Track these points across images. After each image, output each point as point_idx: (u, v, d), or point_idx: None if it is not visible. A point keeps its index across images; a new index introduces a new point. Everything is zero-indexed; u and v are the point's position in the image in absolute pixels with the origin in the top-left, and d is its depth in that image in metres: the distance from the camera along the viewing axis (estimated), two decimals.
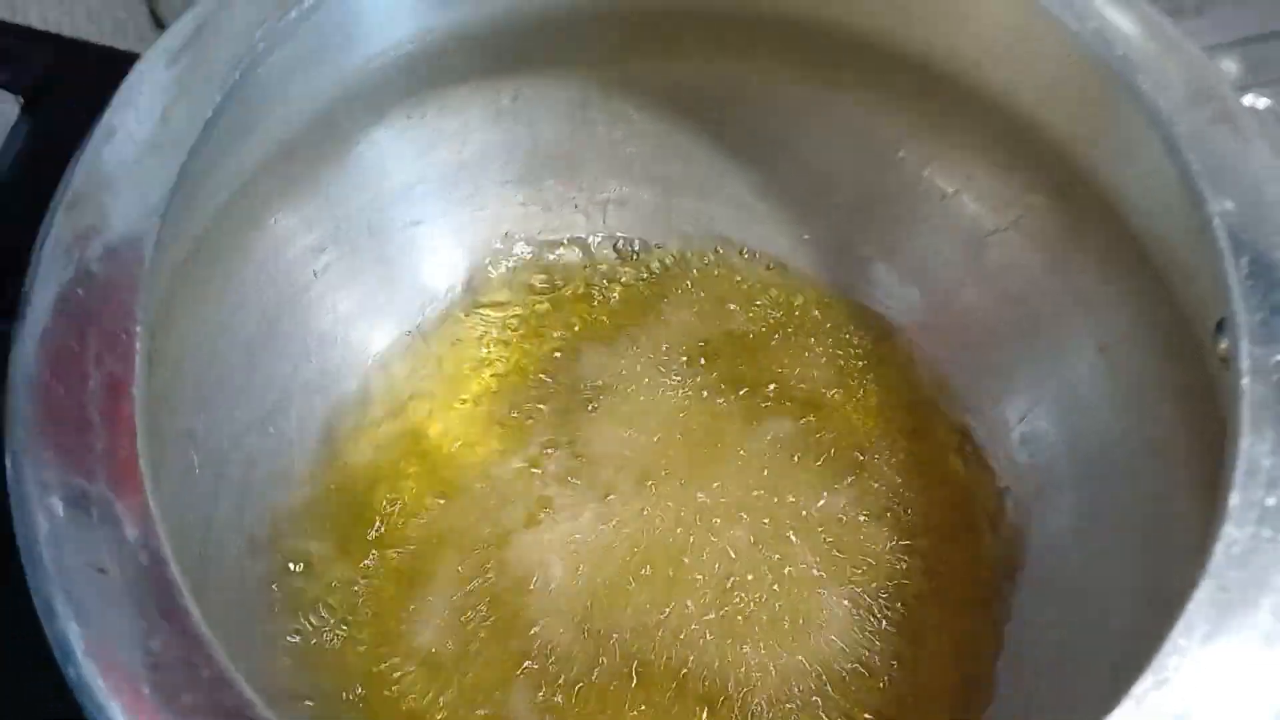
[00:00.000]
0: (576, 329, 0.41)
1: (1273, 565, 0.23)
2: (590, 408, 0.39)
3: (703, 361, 0.40)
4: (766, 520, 0.37)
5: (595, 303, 0.41)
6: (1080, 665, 0.33)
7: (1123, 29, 0.29)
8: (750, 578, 0.36)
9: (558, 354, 0.40)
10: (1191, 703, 0.22)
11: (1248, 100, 0.55)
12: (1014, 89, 0.34)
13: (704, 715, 0.34)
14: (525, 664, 0.35)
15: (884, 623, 0.36)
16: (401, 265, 0.40)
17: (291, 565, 0.35)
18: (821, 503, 0.38)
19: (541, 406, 0.39)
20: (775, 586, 0.36)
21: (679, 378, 0.40)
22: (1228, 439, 0.24)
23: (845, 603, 0.36)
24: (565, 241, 0.42)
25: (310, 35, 0.30)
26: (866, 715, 0.34)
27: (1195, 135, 0.27)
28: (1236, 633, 0.23)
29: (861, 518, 0.37)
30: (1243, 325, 0.25)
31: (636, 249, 0.42)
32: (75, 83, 0.29)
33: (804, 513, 0.37)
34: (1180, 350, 0.32)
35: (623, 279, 0.42)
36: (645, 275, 0.42)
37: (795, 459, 0.38)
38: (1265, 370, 0.24)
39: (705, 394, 0.39)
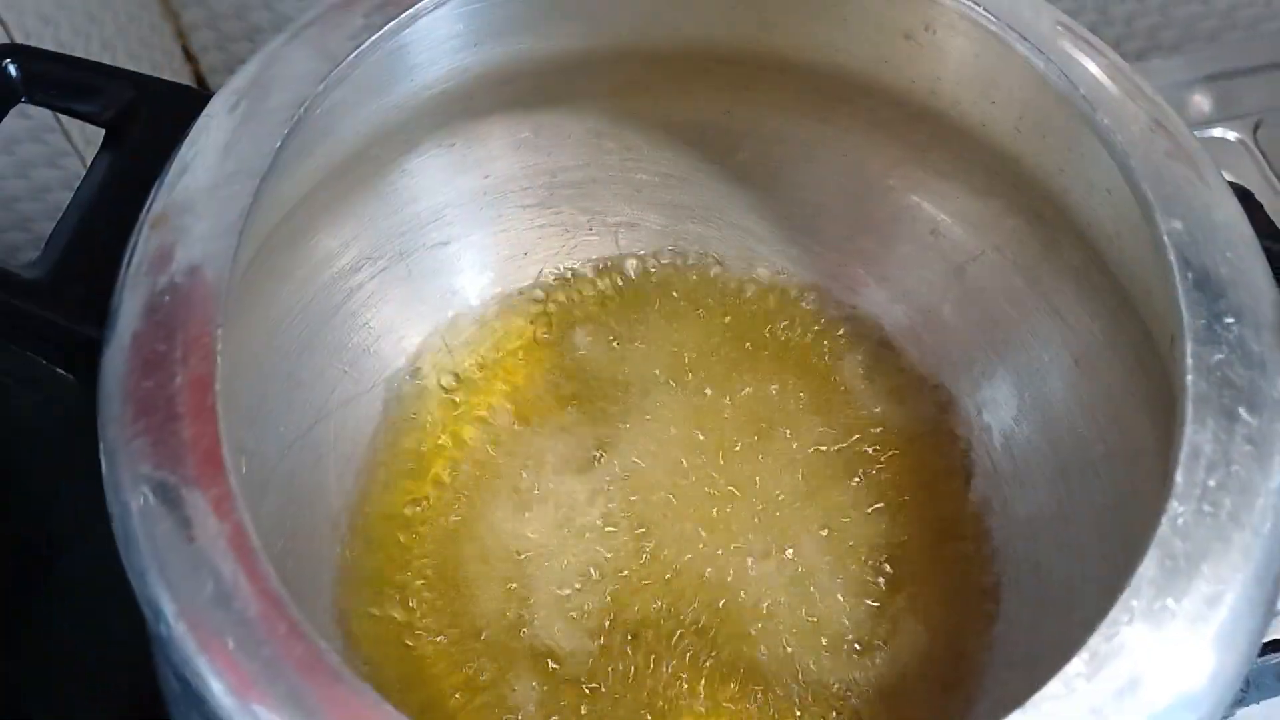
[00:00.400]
0: (592, 340, 0.43)
1: (1213, 538, 0.26)
2: (608, 411, 0.42)
3: (711, 368, 0.43)
4: (778, 513, 0.40)
5: (609, 316, 0.44)
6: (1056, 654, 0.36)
7: (1086, 70, 0.33)
8: (761, 565, 0.39)
9: (576, 363, 0.43)
10: (1139, 657, 0.25)
11: (1218, 132, 0.58)
12: (990, 123, 0.37)
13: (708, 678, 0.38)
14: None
15: (879, 603, 0.39)
16: (430, 282, 0.43)
17: (338, 552, 0.38)
18: (825, 496, 0.40)
19: (562, 411, 0.42)
20: (782, 577, 0.39)
21: (690, 383, 0.42)
22: (1175, 428, 0.27)
23: (844, 590, 0.39)
24: (581, 260, 0.45)
25: (360, 79, 0.33)
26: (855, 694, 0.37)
27: (1149, 164, 0.31)
28: (1180, 597, 0.26)
29: (855, 513, 0.40)
30: (1188, 330, 0.28)
31: (647, 267, 0.45)
32: (152, 115, 0.33)
33: (809, 506, 0.40)
34: (1147, 362, 0.35)
35: (634, 295, 0.45)
36: (655, 291, 0.45)
37: (800, 458, 0.41)
38: (1207, 369, 0.28)
39: (713, 398, 0.42)
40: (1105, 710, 0.24)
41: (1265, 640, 0.41)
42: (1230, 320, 0.28)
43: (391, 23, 0.32)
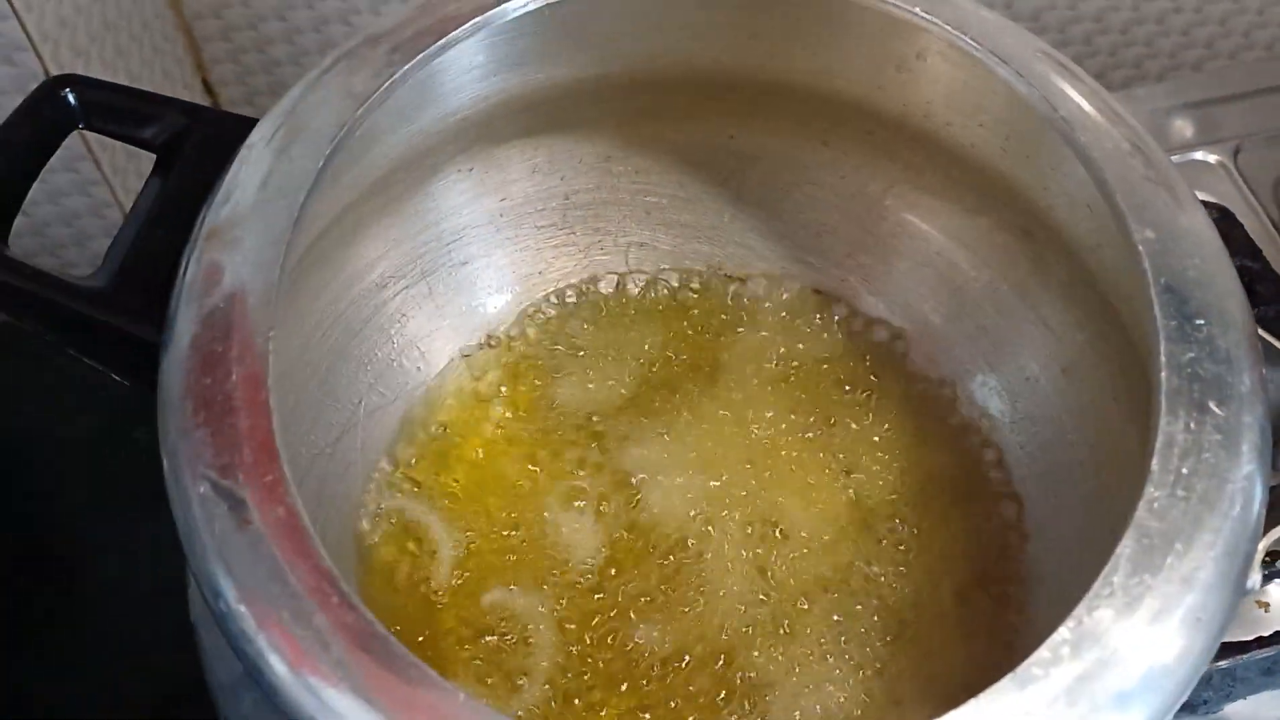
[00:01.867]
0: (608, 354, 0.46)
1: (1186, 520, 0.28)
2: (621, 418, 0.44)
3: (720, 378, 0.45)
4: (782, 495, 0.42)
5: (621, 331, 0.46)
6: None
7: (1066, 94, 0.35)
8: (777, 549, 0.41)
9: (592, 376, 0.45)
10: (1119, 628, 0.27)
11: (1200, 156, 0.61)
12: (979, 144, 0.40)
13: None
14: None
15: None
16: (452, 299, 0.45)
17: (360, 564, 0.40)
18: (837, 490, 0.43)
19: (576, 418, 0.44)
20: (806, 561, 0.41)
21: (701, 393, 0.44)
22: (1150, 420, 0.30)
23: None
24: (595, 279, 0.48)
25: (394, 105, 0.35)
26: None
27: (1124, 180, 0.33)
28: (1156, 573, 0.28)
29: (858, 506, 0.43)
30: (1161, 330, 0.30)
31: (658, 285, 0.47)
32: (200, 140, 0.35)
33: (823, 493, 0.43)
34: (1130, 370, 0.36)
35: (645, 310, 0.47)
36: (665, 307, 0.47)
37: (812, 450, 0.43)
38: (1178, 365, 0.30)
39: (725, 407, 0.44)
40: (1088, 675, 0.26)
41: (1250, 637, 0.44)
42: (1200, 321, 0.31)
43: (424, 52, 0.34)
